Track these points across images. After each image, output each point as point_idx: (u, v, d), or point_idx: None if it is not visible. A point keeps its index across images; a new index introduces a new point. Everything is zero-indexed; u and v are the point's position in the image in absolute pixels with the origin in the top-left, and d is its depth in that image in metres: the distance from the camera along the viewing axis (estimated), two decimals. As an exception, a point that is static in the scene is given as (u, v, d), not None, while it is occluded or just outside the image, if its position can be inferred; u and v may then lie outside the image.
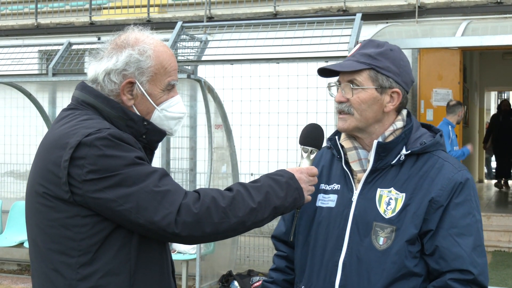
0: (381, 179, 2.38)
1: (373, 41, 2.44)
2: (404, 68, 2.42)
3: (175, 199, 2.10)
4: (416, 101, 11.35)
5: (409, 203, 2.31)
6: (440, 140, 2.42)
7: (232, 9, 12.85)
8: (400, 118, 2.44)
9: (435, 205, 2.29)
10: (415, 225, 2.29)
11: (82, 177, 2.06)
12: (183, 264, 7.70)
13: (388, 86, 2.37)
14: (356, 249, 2.35)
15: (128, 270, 2.14)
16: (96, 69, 2.27)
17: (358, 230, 2.36)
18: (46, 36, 13.83)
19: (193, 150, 8.92)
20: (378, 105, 2.38)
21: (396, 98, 2.40)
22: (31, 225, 2.23)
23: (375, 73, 2.36)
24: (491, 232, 10.53)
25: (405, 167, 2.37)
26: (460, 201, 2.30)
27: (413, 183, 2.34)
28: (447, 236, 2.27)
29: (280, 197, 2.24)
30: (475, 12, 11.24)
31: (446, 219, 2.28)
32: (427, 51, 11.19)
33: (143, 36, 2.30)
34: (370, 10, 11.70)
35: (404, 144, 2.39)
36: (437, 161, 2.37)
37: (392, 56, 2.39)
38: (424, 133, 2.44)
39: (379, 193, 2.36)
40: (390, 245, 2.29)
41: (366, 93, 2.36)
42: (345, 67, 2.38)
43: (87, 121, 2.17)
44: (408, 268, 2.28)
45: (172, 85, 2.32)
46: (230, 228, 2.16)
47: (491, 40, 8.06)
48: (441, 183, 2.31)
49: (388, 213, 2.32)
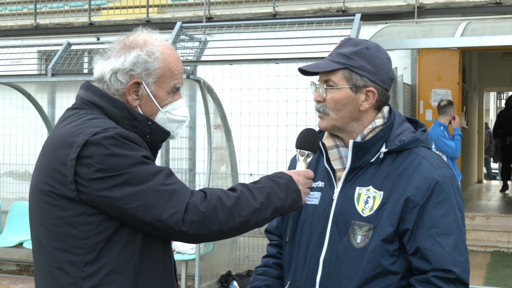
0: (360, 177, 2.40)
1: (350, 40, 2.45)
2: (381, 66, 2.41)
3: (182, 197, 2.12)
4: (416, 102, 11.36)
5: (386, 202, 2.32)
6: (420, 137, 2.41)
7: (231, 9, 12.85)
8: (380, 116, 2.44)
9: (411, 204, 2.29)
10: (391, 223, 2.30)
11: (89, 176, 2.08)
12: (183, 264, 7.70)
13: (362, 85, 2.38)
14: (335, 247, 2.38)
15: (132, 268, 2.16)
16: (103, 68, 2.29)
17: (338, 228, 2.39)
18: (45, 37, 13.83)
19: (192, 150, 8.92)
20: (353, 104, 2.39)
21: (372, 97, 2.40)
22: (35, 224, 2.24)
23: (349, 73, 2.38)
24: (490, 233, 10.55)
25: (385, 165, 2.38)
26: (440, 200, 2.30)
27: (392, 181, 2.35)
28: (428, 236, 2.28)
29: (281, 198, 2.28)
30: (474, 13, 11.25)
31: (427, 219, 2.29)
32: (426, 52, 11.19)
33: (151, 38, 2.32)
34: (369, 11, 11.70)
35: (384, 142, 2.40)
36: (415, 158, 2.37)
37: (368, 55, 2.40)
38: (405, 130, 2.44)
39: (357, 191, 2.38)
40: (367, 243, 2.31)
41: (340, 93, 2.38)
42: (320, 67, 2.40)
43: (93, 120, 2.18)
44: (384, 267, 2.30)
45: (177, 88, 2.34)
46: (234, 227, 2.19)
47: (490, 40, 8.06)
48: (417, 181, 2.31)
49: (366, 212, 2.34)
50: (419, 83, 11.33)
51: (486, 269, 9.02)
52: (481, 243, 10.29)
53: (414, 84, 11.40)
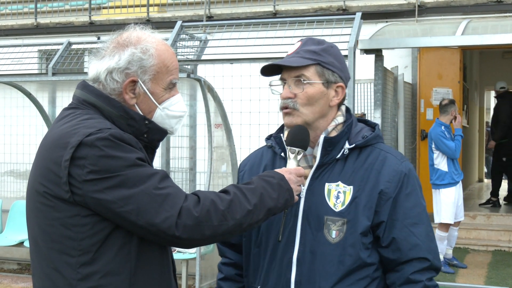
0: (327, 173, 2.44)
1: (313, 39, 2.51)
2: (344, 64, 2.52)
3: (176, 202, 2.10)
4: (416, 100, 11.34)
5: (357, 195, 2.39)
6: (379, 133, 2.51)
7: (232, 8, 12.85)
8: (340, 114, 2.52)
9: (384, 197, 2.38)
10: (367, 217, 2.37)
11: (83, 177, 2.06)
12: (183, 263, 7.70)
13: (333, 81, 2.46)
14: (309, 244, 2.39)
15: (128, 270, 2.14)
16: (98, 68, 2.26)
17: (310, 225, 2.41)
18: (46, 36, 13.82)
19: (193, 149, 8.92)
20: (324, 99, 2.44)
21: (341, 92, 2.48)
22: (32, 224, 2.23)
23: (321, 68, 2.43)
24: (491, 232, 10.54)
25: (349, 160, 2.45)
26: (409, 191, 2.41)
27: (359, 175, 2.41)
28: (403, 227, 2.38)
29: (273, 198, 2.27)
30: (475, 11, 11.23)
31: (400, 210, 2.39)
32: (427, 50, 11.18)
33: (145, 35, 2.30)
34: (370, 9, 11.69)
35: (347, 139, 2.46)
36: (379, 153, 2.45)
37: (334, 53, 2.49)
38: (362, 128, 2.52)
39: (327, 187, 2.42)
40: (343, 237, 2.36)
41: (314, 88, 2.42)
42: (293, 62, 2.42)
43: (88, 121, 2.16)
44: (362, 259, 2.36)
45: (173, 83, 2.32)
46: (228, 230, 2.18)
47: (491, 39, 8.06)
48: (388, 175, 2.40)
49: (338, 206, 2.39)
50: (420, 82, 11.32)
51: (487, 268, 9.01)
52: (482, 242, 10.28)
53: (414, 83, 11.38)
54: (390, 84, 9.15)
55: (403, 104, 10.18)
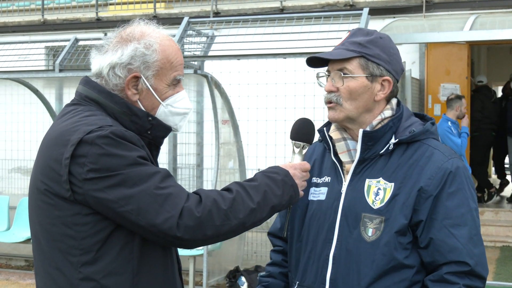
0: (369, 169, 2.34)
1: (362, 30, 2.41)
2: (394, 56, 2.38)
3: (177, 202, 2.06)
4: (424, 96, 11.31)
5: (398, 193, 2.27)
6: (430, 128, 2.37)
7: (239, 4, 12.84)
8: (389, 107, 2.39)
9: (424, 194, 2.25)
10: (404, 215, 2.25)
11: (83, 176, 2.02)
12: (190, 260, 7.69)
13: (378, 74, 2.34)
14: (345, 242, 2.32)
15: (130, 270, 2.11)
16: (101, 63, 2.22)
17: (348, 222, 2.33)
18: (53, 32, 13.85)
19: (200, 145, 8.92)
20: (368, 93, 2.34)
21: (387, 87, 2.36)
22: (34, 223, 2.20)
23: (365, 61, 2.33)
24: (499, 228, 10.51)
25: (394, 156, 2.33)
26: (453, 190, 2.26)
27: (402, 172, 2.30)
28: (442, 227, 2.23)
29: (278, 195, 2.22)
30: (483, 7, 11.19)
31: (440, 210, 2.24)
32: (435, 46, 11.14)
33: (149, 30, 2.25)
34: (377, 5, 11.66)
35: (393, 133, 2.35)
36: (427, 149, 2.32)
37: (382, 44, 2.36)
38: (414, 122, 2.40)
39: (367, 183, 2.33)
40: (379, 236, 2.26)
41: (356, 82, 2.32)
42: (335, 55, 2.34)
43: (89, 118, 2.12)
44: (398, 260, 2.24)
45: (178, 80, 2.27)
46: (230, 230, 2.13)
47: (499, 34, 8.03)
48: (430, 172, 2.26)
49: (377, 204, 2.29)
50: (428, 78, 11.28)
51: (495, 264, 8.98)
52: (490, 238, 10.24)
53: (422, 78, 11.35)
54: (397, 80, 9.11)
55: (410, 100, 10.14)
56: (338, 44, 2.40)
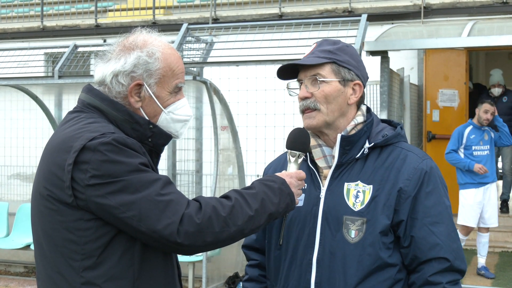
0: (347, 173, 2.43)
1: (328, 40, 2.52)
2: (361, 63, 2.52)
3: (178, 208, 2.09)
4: (422, 102, 11.33)
5: (377, 195, 2.36)
6: (401, 132, 2.49)
7: (238, 10, 12.86)
8: (360, 113, 2.50)
9: (404, 195, 2.35)
10: (387, 216, 2.34)
11: (85, 182, 2.05)
12: (190, 266, 7.70)
13: (350, 79, 2.45)
14: (328, 245, 2.38)
15: (131, 275, 2.13)
16: (104, 71, 2.26)
17: (329, 226, 2.39)
18: (52, 39, 13.86)
19: (199, 152, 8.93)
20: (342, 97, 2.44)
21: (358, 90, 2.47)
22: (36, 228, 2.23)
23: (337, 67, 2.43)
24: (498, 233, 10.49)
25: (370, 160, 2.43)
26: (430, 190, 2.37)
27: (379, 174, 2.39)
28: (422, 226, 2.34)
29: (275, 203, 2.26)
30: (481, 12, 11.22)
31: (420, 209, 2.35)
32: (433, 52, 11.16)
33: (151, 38, 2.29)
34: (376, 11, 11.69)
35: (367, 138, 2.45)
36: (400, 152, 2.43)
37: (350, 52, 2.49)
38: (384, 127, 2.51)
39: (346, 187, 2.41)
40: (362, 237, 2.34)
41: (330, 86, 2.42)
42: (308, 61, 2.42)
43: (92, 125, 2.16)
44: (383, 259, 2.33)
45: (179, 87, 2.31)
46: (229, 236, 2.17)
47: (497, 40, 8.04)
48: (407, 173, 2.37)
49: (357, 206, 2.37)
50: (426, 83, 11.30)
51: (494, 270, 8.98)
52: (489, 243, 10.20)
53: (421, 84, 11.37)
54: (396, 86, 9.14)
55: (409, 106, 10.16)
56: (307, 54, 2.49)
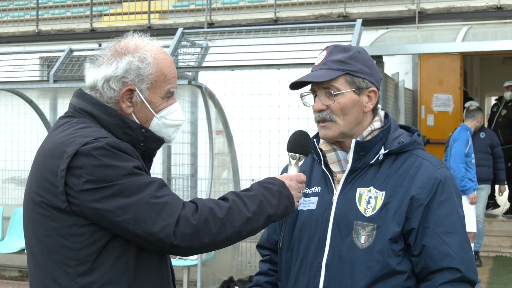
0: (360, 178, 2.41)
1: (338, 46, 2.47)
2: (374, 67, 2.47)
3: (173, 210, 2.08)
4: (417, 106, 11.36)
5: (389, 201, 2.34)
6: (417, 139, 2.46)
7: (233, 15, 12.88)
8: (377, 119, 2.47)
9: (416, 203, 2.32)
10: (397, 223, 2.31)
11: (79, 187, 2.04)
12: (184, 270, 7.69)
13: (365, 87, 2.41)
14: (338, 249, 2.36)
15: (126, 279, 2.12)
16: (95, 76, 2.24)
17: (340, 230, 2.38)
18: (47, 43, 13.87)
19: (194, 156, 8.93)
20: (358, 106, 2.41)
21: (374, 97, 2.44)
22: (29, 235, 2.21)
23: (351, 77, 2.39)
24: (493, 237, 10.53)
25: (384, 166, 2.40)
26: (443, 199, 2.33)
27: (393, 181, 2.36)
28: (434, 235, 2.31)
29: (273, 205, 2.24)
30: (475, 18, 11.26)
31: (432, 218, 2.31)
32: (428, 57, 11.20)
33: (143, 43, 2.27)
34: (371, 16, 11.72)
35: (383, 144, 2.43)
36: (416, 159, 2.40)
37: (362, 58, 2.43)
38: (402, 133, 2.48)
39: (358, 192, 2.39)
40: (372, 243, 2.32)
41: (345, 97, 2.38)
42: (321, 77, 2.38)
43: (84, 130, 2.14)
44: (391, 267, 2.31)
45: (171, 92, 2.30)
46: (227, 238, 2.16)
47: (492, 45, 8.09)
48: (421, 181, 2.34)
49: (369, 212, 2.35)
50: (421, 88, 11.34)
51: (488, 274, 9.00)
52: (484, 248, 10.26)
53: (415, 89, 11.40)
54: (391, 91, 9.17)
55: (404, 110, 10.19)
56: (318, 64, 2.45)
